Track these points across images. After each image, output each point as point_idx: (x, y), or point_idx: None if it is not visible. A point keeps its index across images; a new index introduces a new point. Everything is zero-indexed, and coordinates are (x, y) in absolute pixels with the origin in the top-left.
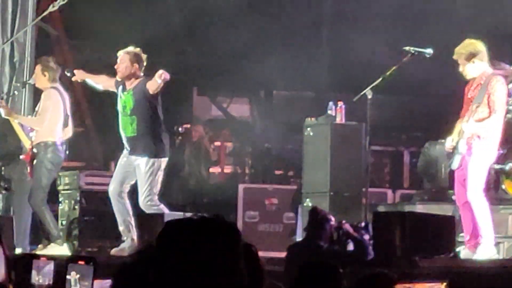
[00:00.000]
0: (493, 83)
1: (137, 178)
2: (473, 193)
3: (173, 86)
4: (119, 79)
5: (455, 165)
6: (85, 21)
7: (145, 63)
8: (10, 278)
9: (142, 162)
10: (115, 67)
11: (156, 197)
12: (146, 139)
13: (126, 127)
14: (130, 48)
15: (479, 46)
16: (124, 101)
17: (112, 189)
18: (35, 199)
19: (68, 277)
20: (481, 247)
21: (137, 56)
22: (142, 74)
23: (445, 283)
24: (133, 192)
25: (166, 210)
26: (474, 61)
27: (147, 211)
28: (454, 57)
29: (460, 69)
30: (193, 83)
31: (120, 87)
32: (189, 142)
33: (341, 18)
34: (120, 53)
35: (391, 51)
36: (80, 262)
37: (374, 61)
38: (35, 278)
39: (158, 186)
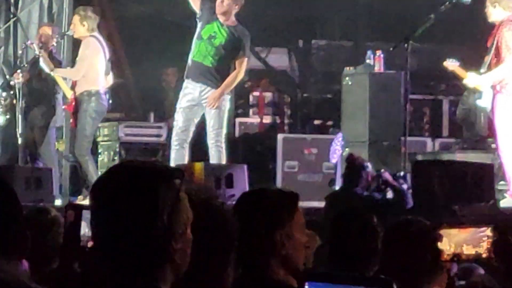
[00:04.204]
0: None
1: (205, 114)
2: None
3: None
4: (212, 8)
5: None
6: None
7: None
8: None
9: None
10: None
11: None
12: (220, 73)
13: (206, 56)
14: None
15: None
16: (215, 32)
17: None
18: (79, 148)
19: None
20: None
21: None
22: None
23: (490, 228)
24: None
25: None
26: (495, 6)
27: (214, 153)
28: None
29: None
30: None
31: (209, 13)
32: None
33: None
34: None
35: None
36: None
37: (412, 10)
38: (85, 229)
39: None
